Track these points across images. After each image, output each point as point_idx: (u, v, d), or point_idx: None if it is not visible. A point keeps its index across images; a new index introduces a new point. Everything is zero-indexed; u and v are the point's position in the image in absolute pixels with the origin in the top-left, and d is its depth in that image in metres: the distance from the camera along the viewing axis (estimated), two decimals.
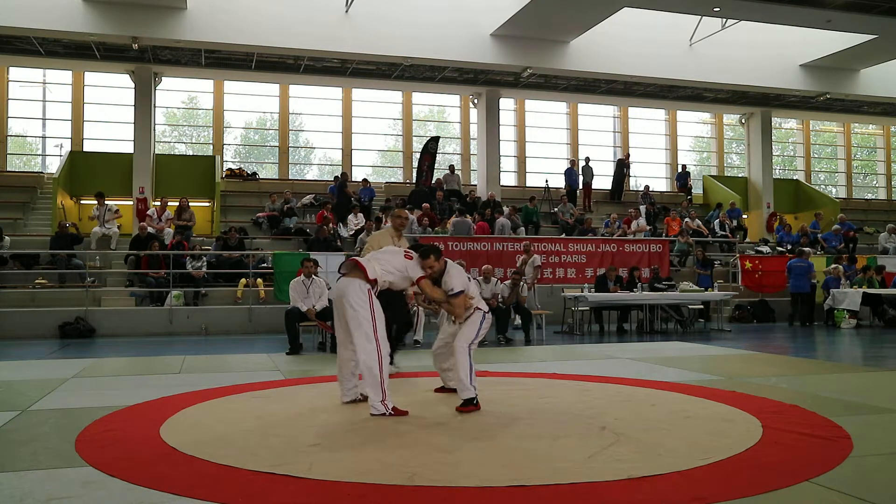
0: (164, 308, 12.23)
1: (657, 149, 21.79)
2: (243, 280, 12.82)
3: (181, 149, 19.97)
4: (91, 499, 3.17)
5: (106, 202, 14.35)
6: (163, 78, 16.54)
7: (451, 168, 18.08)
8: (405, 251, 5.28)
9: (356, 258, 5.12)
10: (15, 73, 17.20)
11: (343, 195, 15.95)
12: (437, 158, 18.06)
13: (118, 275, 13.27)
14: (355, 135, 19.13)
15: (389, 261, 5.12)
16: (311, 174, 20.04)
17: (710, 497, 3.14)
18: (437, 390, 5.77)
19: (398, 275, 5.10)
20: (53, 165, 17.30)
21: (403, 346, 8.76)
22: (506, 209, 16.31)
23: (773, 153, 21.22)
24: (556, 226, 17.39)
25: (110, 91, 17.29)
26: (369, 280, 4.93)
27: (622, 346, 9.95)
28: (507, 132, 19.58)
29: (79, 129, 17.22)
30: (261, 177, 18.14)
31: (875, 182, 24.90)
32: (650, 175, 21.58)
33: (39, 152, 18.46)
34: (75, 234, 13.46)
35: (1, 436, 4.43)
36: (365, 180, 17.21)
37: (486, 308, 5.32)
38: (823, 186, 23.96)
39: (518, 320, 11.43)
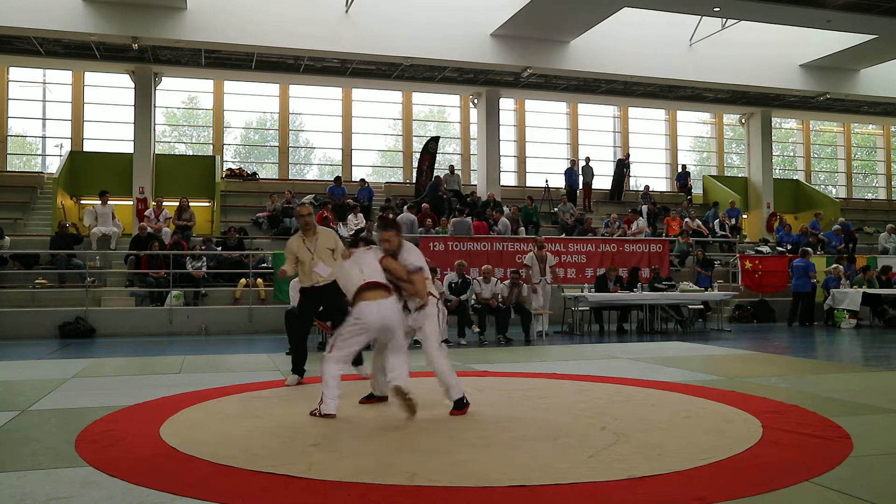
0: (164, 308, 12.23)
1: (657, 149, 21.79)
2: (243, 280, 12.83)
3: (181, 149, 19.96)
4: (91, 499, 3.17)
5: (109, 202, 14.35)
6: (163, 78, 16.53)
7: (451, 168, 18.07)
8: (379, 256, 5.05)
9: (380, 282, 4.88)
10: (15, 73, 17.20)
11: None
12: (437, 158, 18.06)
13: (118, 275, 13.28)
14: (355, 135, 19.13)
15: (373, 266, 4.96)
16: (311, 174, 20.05)
17: (710, 497, 3.14)
18: (362, 401, 5.37)
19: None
20: (53, 165, 17.30)
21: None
22: (506, 209, 16.31)
23: (773, 153, 21.22)
24: (556, 226, 17.39)
25: (110, 91, 17.28)
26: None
27: (622, 346, 9.95)
28: (507, 132, 19.58)
29: (79, 129, 17.21)
30: (261, 177, 18.14)
31: (875, 182, 24.90)
32: (650, 175, 21.57)
33: (39, 152, 18.46)
34: (75, 234, 13.46)
35: (1, 436, 4.43)
36: (363, 180, 17.21)
37: (437, 294, 5.22)
38: (823, 186, 23.96)
39: (541, 325, 11.44)
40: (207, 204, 16.44)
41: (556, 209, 17.76)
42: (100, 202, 14.29)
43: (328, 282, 6.32)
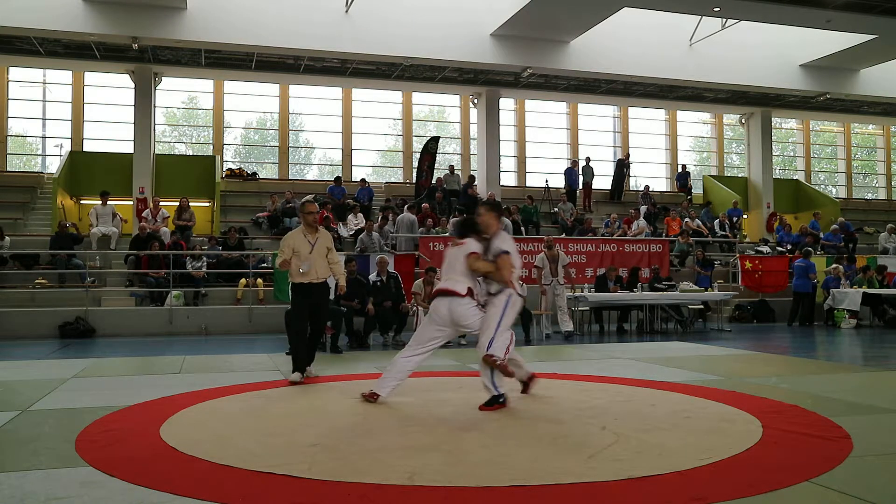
0: (164, 308, 12.23)
1: (657, 149, 21.78)
2: (243, 280, 12.82)
3: (181, 149, 19.96)
4: (91, 499, 3.17)
5: (109, 202, 14.34)
6: (163, 78, 16.52)
7: (451, 168, 18.07)
8: (460, 244, 5.36)
9: (449, 287, 5.24)
10: (15, 73, 17.19)
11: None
12: (437, 158, 18.06)
13: (118, 275, 13.27)
14: (355, 135, 19.13)
15: (455, 268, 5.29)
16: (311, 174, 20.06)
17: (710, 497, 3.14)
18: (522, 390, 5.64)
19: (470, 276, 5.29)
20: (53, 165, 17.30)
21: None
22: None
23: (773, 153, 21.21)
24: (556, 226, 17.39)
25: (110, 91, 17.28)
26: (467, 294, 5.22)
27: (622, 346, 9.95)
28: (507, 132, 19.57)
29: (79, 129, 17.21)
30: (261, 177, 18.14)
31: (875, 182, 24.90)
32: (650, 175, 21.58)
33: (39, 152, 18.46)
34: (75, 234, 13.46)
35: (1, 436, 4.43)
36: (363, 180, 17.22)
37: (519, 290, 5.34)
38: (823, 186, 23.96)
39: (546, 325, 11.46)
40: (207, 204, 16.44)
41: (556, 209, 17.76)
42: (100, 203, 14.29)
43: (321, 280, 6.61)
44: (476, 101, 18.44)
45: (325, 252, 6.65)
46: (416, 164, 18.07)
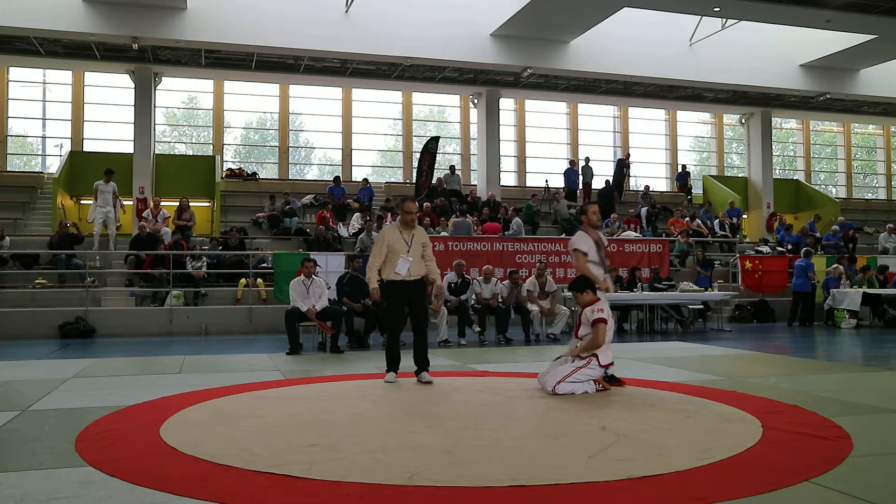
0: (164, 308, 12.23)
1: (657, 149, 21.79)
2: (243, 280, 12.82)
3: (181, 149, 19.97)
4: (91, 499, 3.16)
5: (111, 181, 13.85)
6: (163, 78, 16.53)
7: (452, 168, 18.08)
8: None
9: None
10: (15, 73, 17.20)
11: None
12: (437, 158, 18.06)
13: (118, 275, 13.28)
14: (355, 135, 19.14)
15: None
16: (311, 174, 20.06)
17: (710, 497, 3.14)
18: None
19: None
20: (53, 165, 17.31)
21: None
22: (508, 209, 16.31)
23: (773, 153, 21.22)
24: (556, 226, 17.39)
25: (110, 91, 17.29)
26: None
27: (622, 346, 9.94)
28: (507, 132, 19.58)
29: (79, 129, 17.22)
30: (261, 177, 18.15)
31: (875, 182, 24.91)
32: (650, 175, 21.58)
33: (39, 152, 18.47)
34: (75, 233, 13.45)
35: (1, 436, 4.43)
36: (365, 180, 17.22)
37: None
38: (823, 186, 23.97)
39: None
40: (207, 204, 16.45)
41: (555, 208, 17.73)
42: (103, 180, 13.79)
43: (415, 278, 6.52)
44: (476, 101, 18.44)
45: (421, 250, 6.56)
46: (416, 164, 18.07)
